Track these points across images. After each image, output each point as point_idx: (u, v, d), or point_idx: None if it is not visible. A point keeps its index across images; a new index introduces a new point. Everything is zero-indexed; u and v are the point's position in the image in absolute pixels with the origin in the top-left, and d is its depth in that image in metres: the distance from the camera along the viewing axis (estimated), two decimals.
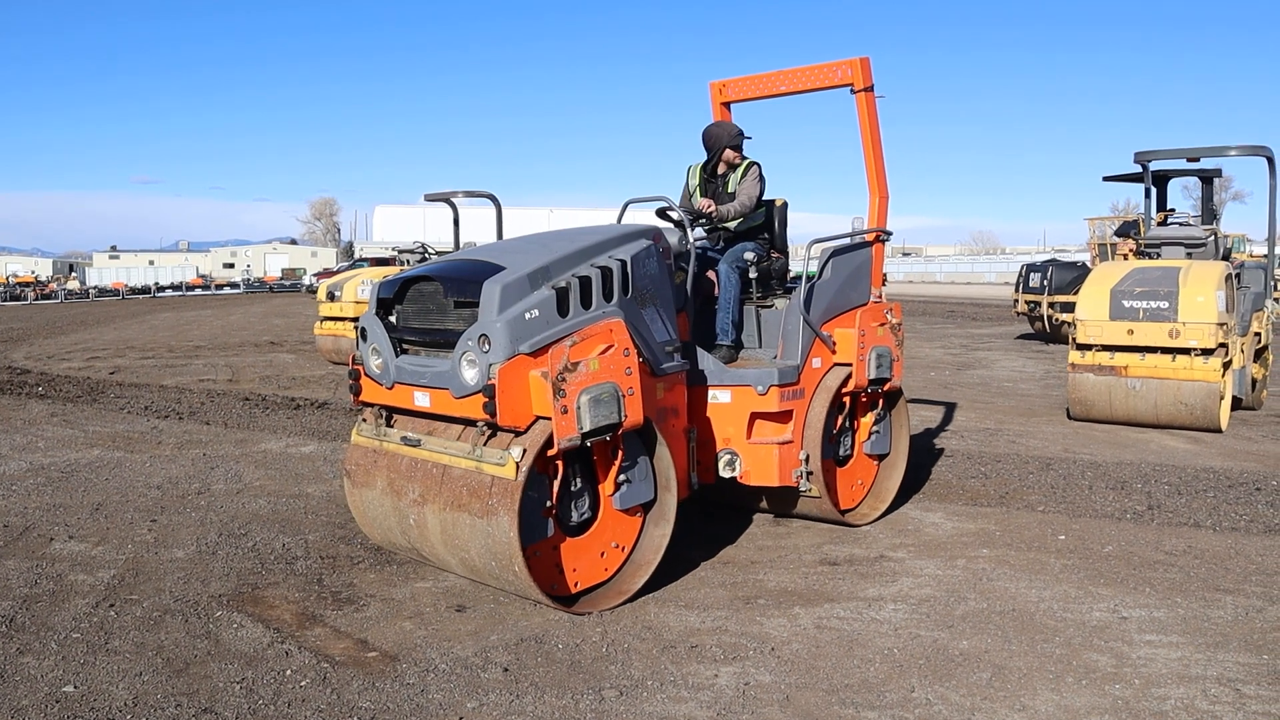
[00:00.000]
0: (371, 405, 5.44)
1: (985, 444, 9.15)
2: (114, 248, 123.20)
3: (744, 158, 6.69)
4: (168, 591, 5.13)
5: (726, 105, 7.38)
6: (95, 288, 68.30)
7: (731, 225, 6.71)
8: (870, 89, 6.52)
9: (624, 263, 5.21)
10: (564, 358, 4.66)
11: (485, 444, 4.76)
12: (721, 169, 6.67)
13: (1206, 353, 9.57)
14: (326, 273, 55.64)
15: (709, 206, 6.38)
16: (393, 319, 5.37)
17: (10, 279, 76.22)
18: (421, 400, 5.09)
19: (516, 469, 4.57)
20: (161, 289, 68.56)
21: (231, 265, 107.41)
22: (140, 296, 61.29)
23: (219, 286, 72.97)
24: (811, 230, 6.59)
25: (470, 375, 4.75)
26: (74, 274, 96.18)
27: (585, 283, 5.01)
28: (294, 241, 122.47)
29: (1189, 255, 11.22)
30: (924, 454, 8.53)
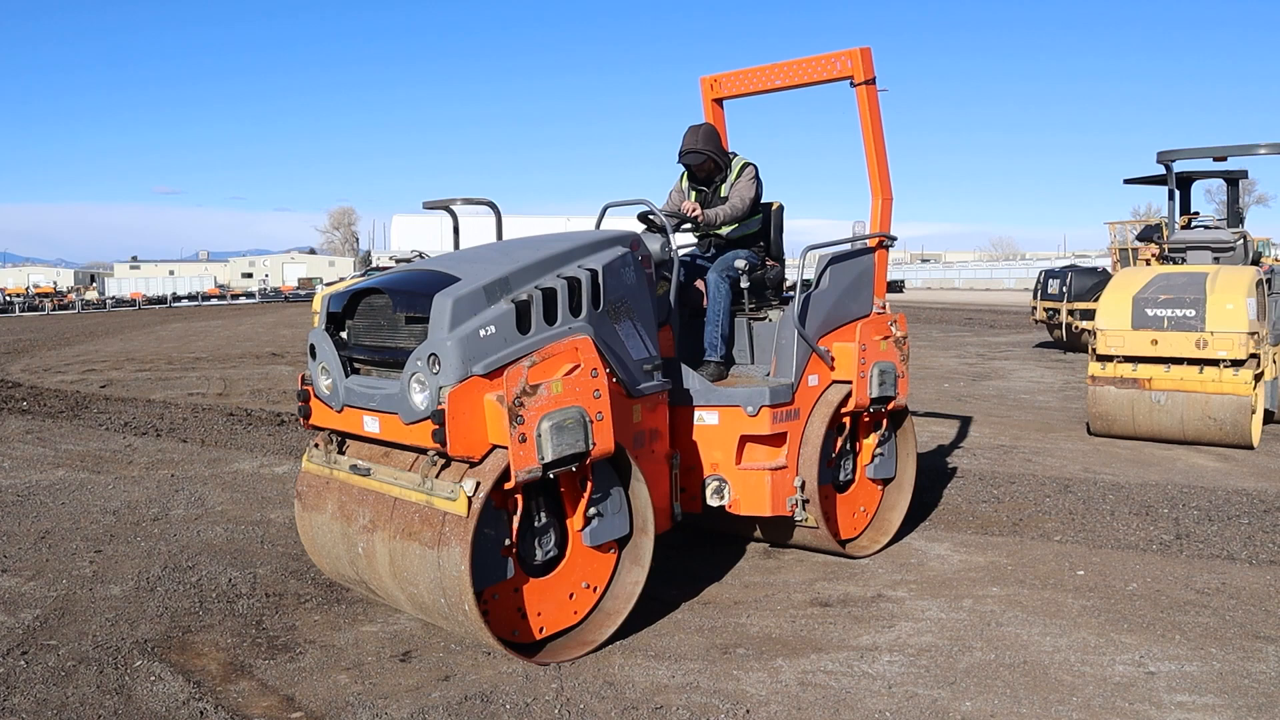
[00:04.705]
0: (322, 430, 4.98)
1: (999, 463, 8.60)
2: (135, 258, 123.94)
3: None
4: (90, 636, 4.66)
5: (718, 101, 6.89)
6: (113, 298, 68.43)
7: (723, 231, 6.21)
8: (871, 82, 6.00)
9: (594, 273, 4.71)
10: (521, 379, 4.17)
11: (437, 475, 4.27)
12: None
13: (1236, 364, 8.99)
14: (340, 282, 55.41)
15: (693, 209, 5.88)
16: (343, 335, 4.90)
17: (30, 289, 76.58)
18: (371, 425, 4.61)
19: (469, 504, 4.08)
20: (179, 299, 68.63)
21: (250, 275, 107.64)
22: (156, 307, 61.28)
23: (235, 296, 72.95)
24: (815, 237, 6.07)
25: (419, 399, 4.27)
26: (93, 284, 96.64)
27: (549, 295, 4.52)
28: (313, 251, 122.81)
29: (1216, 260, 10.64)
30: (933, 474, 7.99)
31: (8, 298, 62.09)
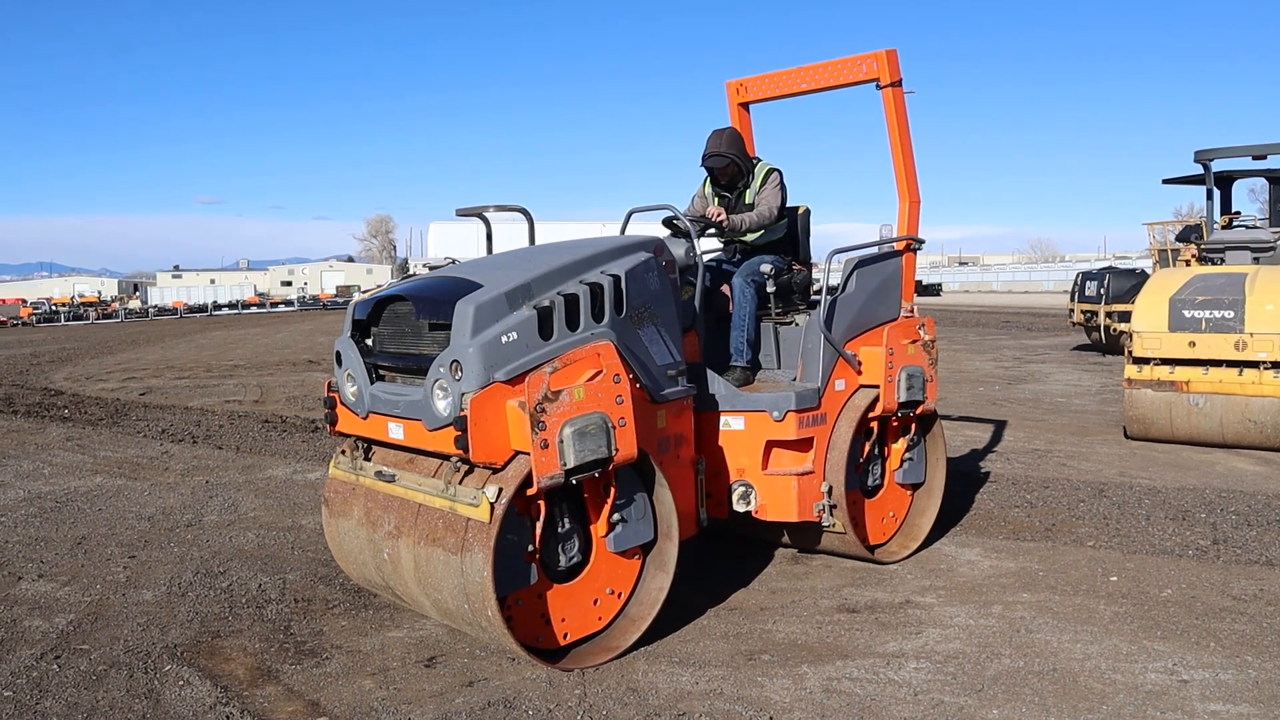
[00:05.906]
0: (348, 436, 5.01)
1: (1033, 467, 8.49)
2: (177, 267, 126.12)
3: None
4: (122, 641, 4.73)
5: (745, 106, 6.88)
6: (155, 307, 69.49)
7: (749, 236, 6.19)
8: (898, 84, 5.98)
9: (617, 278, 4.71)
10: (543, 386, 4.17)
11: (460, 482, 4.29)
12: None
13: (1276, 365, 8.82)
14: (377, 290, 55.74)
15: (718, 214, 5.86)
16: (369, 342, 4.94)
17: (75, 299, 78.07)
18: (396, 432, 4.64)
19: (491, 511, 4.09)
20: (219, 307, 69.54)
21: (289, 283, 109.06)
22: (197, 315, 62.13)
23: (274, 304, 73.81)
24: (844, 240, 6.04)
25: (442, 405, 4.29)
26: (136, 293, 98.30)
27: (572, 301, 4.52)
28: (351, 259, 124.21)
29: (1256, 260, 10.45)
30: (966, 479, 7.91)
31: (54, 307, 63.33)
